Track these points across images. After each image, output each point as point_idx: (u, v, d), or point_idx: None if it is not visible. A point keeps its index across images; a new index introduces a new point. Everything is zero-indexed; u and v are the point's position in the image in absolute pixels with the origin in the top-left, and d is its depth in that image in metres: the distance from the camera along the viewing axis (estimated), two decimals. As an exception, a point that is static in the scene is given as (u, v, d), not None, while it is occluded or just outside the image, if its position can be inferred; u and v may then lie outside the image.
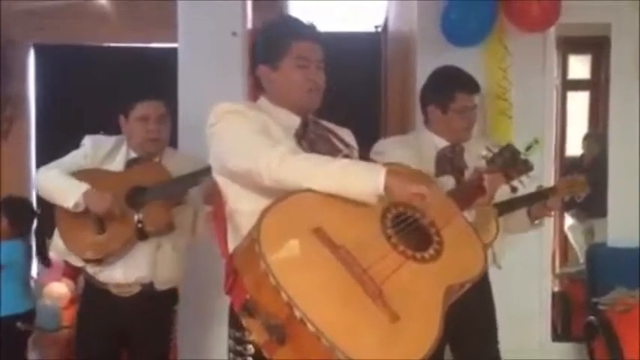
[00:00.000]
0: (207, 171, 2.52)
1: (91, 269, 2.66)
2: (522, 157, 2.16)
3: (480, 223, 2.31)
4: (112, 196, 2.52)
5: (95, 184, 2.55)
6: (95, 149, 2.68)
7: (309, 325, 1.36)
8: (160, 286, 2.68)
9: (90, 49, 5.28)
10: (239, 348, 1.71)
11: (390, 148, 2.59)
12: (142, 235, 2.59)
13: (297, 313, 1.37)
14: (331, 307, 1.42)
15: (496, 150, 2.13)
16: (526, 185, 2.25)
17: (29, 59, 5.36)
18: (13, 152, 5.02)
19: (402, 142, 2.66)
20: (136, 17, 4.91)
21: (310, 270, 1.47)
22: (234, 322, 1.72)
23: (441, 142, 2.59)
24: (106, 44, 5.34)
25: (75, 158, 2.68)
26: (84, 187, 2.53)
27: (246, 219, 1.66)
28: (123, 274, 2.63)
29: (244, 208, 1.75)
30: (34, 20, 4.89)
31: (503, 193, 2.26)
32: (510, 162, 2.09)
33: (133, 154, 2.69)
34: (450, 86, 2.61)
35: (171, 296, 2.79)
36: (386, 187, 1.58)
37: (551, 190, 2.65)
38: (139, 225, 2.56)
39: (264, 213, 1.51)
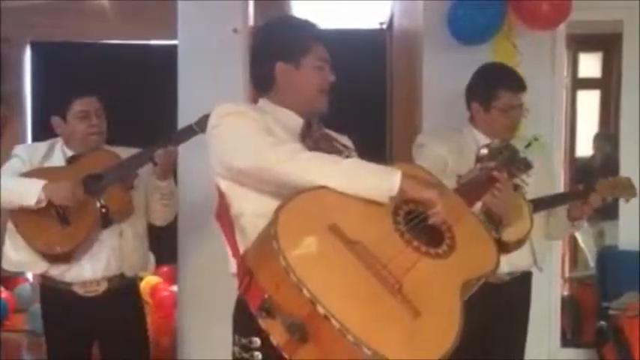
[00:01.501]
0: (161, 144, 2.58)
1: (56, 270, 2.61)
2: (521, 155, 2.14)
3: (513, 218, 2.29)
4: (71, 183, 2.51)
5: (48, 180, 2.52)
6: (30, 154, 2.69)
7: (334, 321, 1.34)
8: (129, 272, 2.71)
9: (88, 47, 5.26)
10: (245, 355, 1.67)
11: (431, 141, 2.63)
12: (106, 220, 2.59)
13: (321, 310, 1.35)
14: (353, 303, 1.41)
15: (495, 148, 2.11)
16: (529, 184, 2.22)
17: (25, 57, 5.32)
18: (8, 152, 4.97)
19: (443, 137, 2.65)
20: (135, 14, 4.88)
21: (330, 266, 1.46)
22: (240, 329, 1.69)
23: (484, 140, 2.54)
24: (104, 42, 5.30)
25: (13, 165, 2.67)
26: (41, 182, 2.51)
27: (252, 221, 1.67)
28: (91, 269, 2.62)
29: (249, 210, 1.72)
30: (31, 17, 4.86)
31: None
32: (509, 160, 2.07)
33: (70, 153, 2.70)
34: (493, 83, 2.59)
35: (136, 292, 2.83)
36: (400, 189, 1.59)
37: (591, 190, 2.60)
38: (103, 210, 2.57)
39: (280, 210, 1.49)
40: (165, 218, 2.86)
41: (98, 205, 2.57)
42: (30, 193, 2.48)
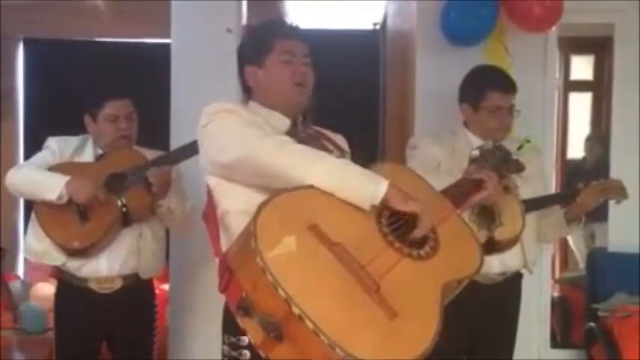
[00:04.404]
0: (186, 149, 2.56)
1: (74, 263, 2.62)
2: (513, 157, 2.15)
3: (505, 218, 2.33)
4: (94, 183, 2.53)
5: (73, 176, 2.54)
6: (61, 148, 2.69)
7: (308, 322, 1.34)
8: (144, 274, 2.72)
9: (81, 44, 5.23)
10: (234, 354, 1.68)
11: (424, 142, 2.65)
12: (126, 220, 2.60)
13: (295, 310, 1.35)
14: (329, 304, 1.40)
15: (487, 150, 2.13)
16: (520, 186, 2.23)
17: (18, 54, 5.29)
18: (1, 149, 4.95)
19: (437, 139, 2.67)
20: (128, 12, 4.87)
21: (307, 266, 1.45)
22: (229, 328, 1.69)
23: (476, 141, 2.56)
24: (97, 39, 5.29)
25: (43, 157, 2.68)
26: (65, 177, 2.52)
27: (237, 219, 1.67)
28: (107, 266, 2.63)
29: (235, 208, 1.73)
30: (24, 14, 4.83)
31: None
32: (502, 161, 2.08)
33: (100, 151, 2.72)
34: (482, 84, 2.62)
35: (150, 292, 2.83)
36: (384, 198, 1.58)
37: (578, 191, 2.61)
38: (124, 209, 2.58)
39: (260, 209, 1.49)
40: (177, 229, 2.92)
41: (119, 204, 2.58)
42: (52, 188, 2.50)
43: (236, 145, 1.67)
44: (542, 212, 2.71)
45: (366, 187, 1.58)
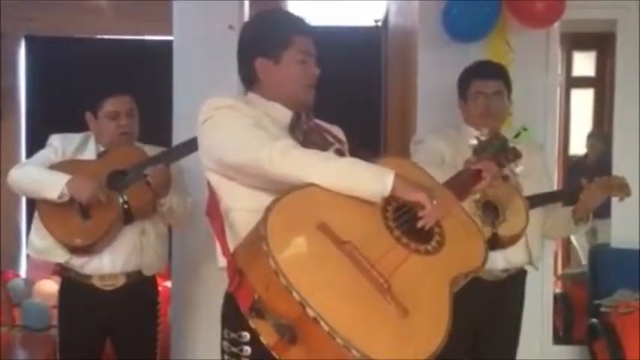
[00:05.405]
0: (187, 145, 2.55)
1: (77, 261, 2.63)
2: (511, 144, 2.16)
3: (509, 214, 2.36)
4: (95, 182, 2.53)
5: (75, 174, 2.55)
6: (64, 145, 2.70)
7: (323, 324, 1.34)
8: (147, 271, 2.73)
9: (82, 42, 5.24)
10: (234, 349, 1.67)
11: (430, 136, 2.71)
12: (128, 217, 2.61)
13: (310, 312, 1.35)
14: (343, 305, 1.40)
15: (485, 139, 2.13)
16: (517, 174, 2.24)
17: (20, 51, 5.29)
18: (3, 147, 4.96)
19: (441, 134, 2.71)
20: (130, 9, 4.87)
21: (319, 267, 1.45)
22: (229, 323, 1.68)
23: (473, 132, 2.56)
24: (98, 37, 5.29)
25: (45, 155, 2.69)
26: (66, 176, 2.53)
27: (241, 216, 1.67)
28: (110, 263, 2.64)
29: (239, 205, 1.72)
30: (25, 12, 4.84)
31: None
32: (500, 150, 2.09)
33: (102, 148, 2.72)
34: (465, 75, 2.71)
35: (154, 289, 2.85)
36: (391, 190, 1.58)
37: (581, 188, 2.62)
38: (125, 206, 2.59)
39: (269, 210, 1.48)
40: (177, 226, 2.96)
41: (121, 201, 2.59)
42: (53, 186, 2.51)
43: (238, 148, 1.66)
44: (548, 210, 2.71)
45: (374, 182, 1.57)
